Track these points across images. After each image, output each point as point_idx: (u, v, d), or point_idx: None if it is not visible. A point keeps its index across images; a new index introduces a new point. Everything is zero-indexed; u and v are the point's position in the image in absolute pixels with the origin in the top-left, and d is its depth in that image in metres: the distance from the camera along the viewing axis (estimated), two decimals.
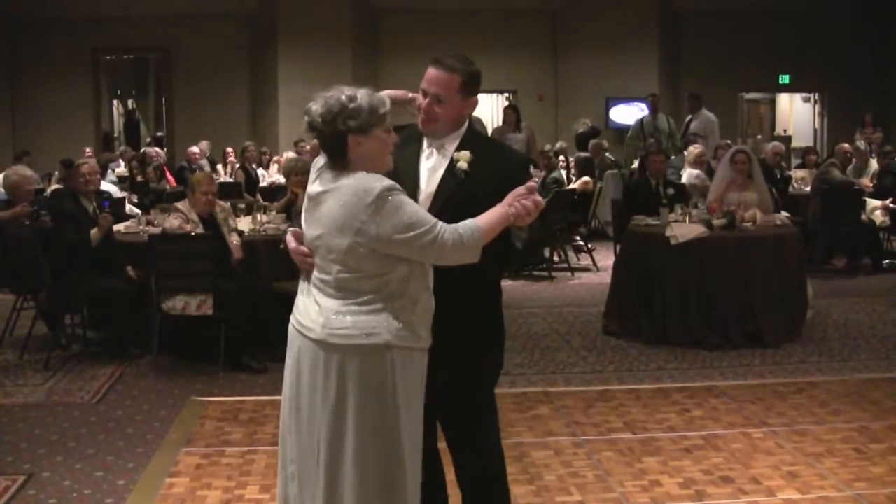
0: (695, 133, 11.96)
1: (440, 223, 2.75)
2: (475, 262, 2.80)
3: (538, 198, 2.82)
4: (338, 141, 2.78)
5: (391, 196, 2.72)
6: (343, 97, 2.78)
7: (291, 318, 2.95)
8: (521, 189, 2.81)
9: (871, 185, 11.13)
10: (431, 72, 3.02)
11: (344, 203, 2.75)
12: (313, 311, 2.85)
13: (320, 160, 2.91)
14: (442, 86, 3.00)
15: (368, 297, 2.78)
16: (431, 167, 3.07)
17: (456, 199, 2.97)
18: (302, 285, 2.95)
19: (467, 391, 3.11)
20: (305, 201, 2.94)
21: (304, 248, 2.91)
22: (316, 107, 2.80)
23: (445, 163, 3.05)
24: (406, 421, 2.83)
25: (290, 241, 2.98)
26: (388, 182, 2.75)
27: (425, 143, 3.10)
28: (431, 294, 2.87)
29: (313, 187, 2.88)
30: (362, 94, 2.80)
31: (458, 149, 3.05)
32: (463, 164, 3.00)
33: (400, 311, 2.79)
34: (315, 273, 2.88)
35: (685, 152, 11.10)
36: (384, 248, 2.74)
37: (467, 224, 2.77)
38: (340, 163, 2.81)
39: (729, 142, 11.87)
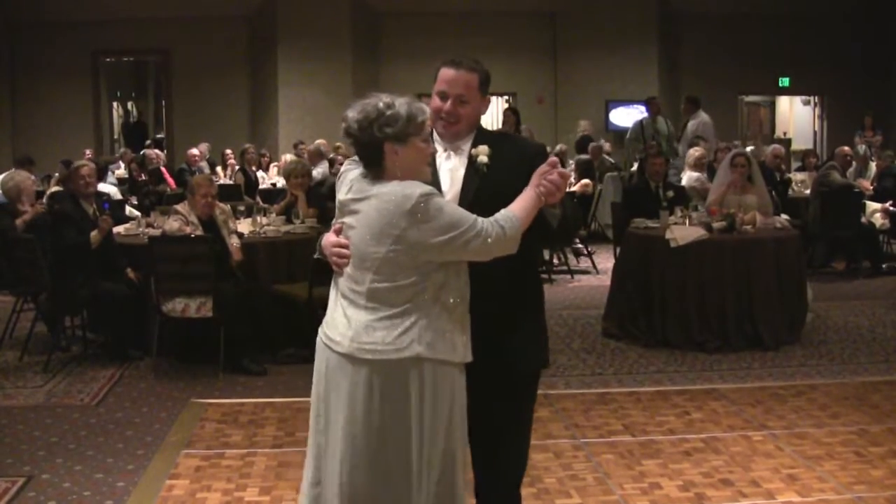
0: (699, 136, 11.93)
1: (480, 219, 2.72)
2: (514, 252, 2.77)
3: (564, 170, 2.80)
4: (374, 148, 2.72)
5: (431, 200, 2.67)
6: (381, 104, 2.71)
7: (319, 330, 2.87)
8: (543, 167, 2.79)
9: (872, 187, 11.14)
10: (450, 72, 2.98)
11: (380, 210, 2.69)
12: (342, 324, 2.77)
13: (351, 172, 2.84)
14: (464, 85, 2.97)
15: (401, 308, 2.70)
16: (452, 168, 3.03)
17: (483, 194, 2.94)
18: (331, 297, 2.87)
19: (505, 392, 3.01)
20: (337, 211, 2.88)
21: (343, 241, 2.81)
22: (353, 113, 2.74)
23: (465, 161, 3.02)
24: (442, 438, 2.73)
25: (330, 235, 2.87)
26: (425, 187, 2.69)
27: (440, 148, 3.06)
28: (467, 303, 2.80)
29: (345, 196, 2.82)
30: (401, 102, 2.74)
31: (474, 145, 3.03)
32: (483, 158, 2.98)
33: (435, 320, 2.71)
34: (345, 283, 2.80)
35: (688, 154, 11.07)
36: (425, 253, 2.68)
37: (504, 214, 2.74)
38: (376, 170, 2.75)
39: (735, 143, 11.84)
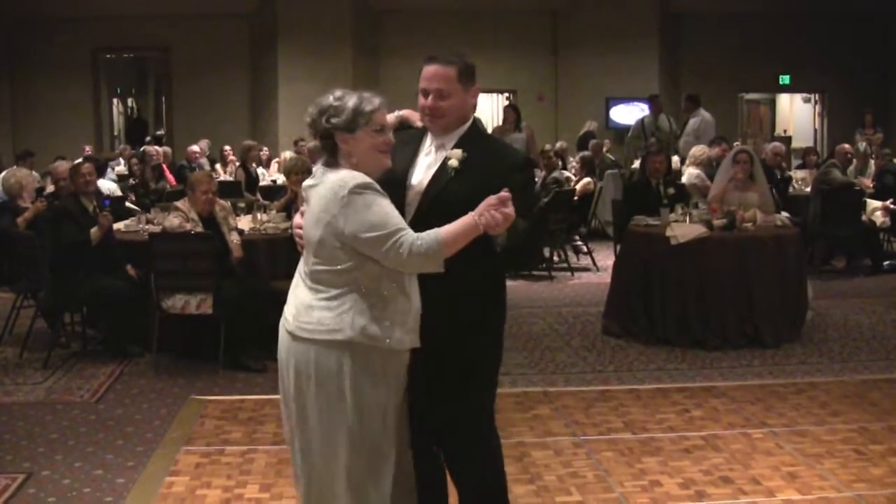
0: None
1: (405, 230, 2.75)
2: (459, 265, 2.79)
3: (508, 210, 2.74)
4: (326, 138, 2.89)
5: (363, 193, 2.76)
6: (332, 97, 2.89)
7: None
8: (492, 199, 2.75)
9: (872, 185, 11.12)
10: (429, 69, 3.05)
11: (321, 196, 2.83)
12: (292, 302, 2.95)
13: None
14: (442, 79, 3.03)
15: (338, 291, 2.83)
16: (428, 164, 3.08)
17: (445, 195, 2.97)
18: (294, 277, 3.02)
19: (458, 394, 3.06)
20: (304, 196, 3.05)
21: (302, 222, 2.98)
22: (311, 108, 2.92)
23: (441, 159, 3.05)
24: (373, 423, 2.85)
25: (296, 217, 3.05)
26: (364, 180, 2.78)
27: (427, 142, 3.11)
28: (409, 296, 2.88)
29: (307, 182, 2.99)
30: (351, 95, 2.88)
31: (455, 147, 3.05)
32: (454, 163, 3.01)
33: (370, 309, 2.82)
34: (301, 263, 2.97)
35: (695, 152, 10.96)
36: (350, 243, 2.79)
37: (430, 234, 2.77)
38: (332, 160, 2.91)
39: (735, 144, 11.79)
